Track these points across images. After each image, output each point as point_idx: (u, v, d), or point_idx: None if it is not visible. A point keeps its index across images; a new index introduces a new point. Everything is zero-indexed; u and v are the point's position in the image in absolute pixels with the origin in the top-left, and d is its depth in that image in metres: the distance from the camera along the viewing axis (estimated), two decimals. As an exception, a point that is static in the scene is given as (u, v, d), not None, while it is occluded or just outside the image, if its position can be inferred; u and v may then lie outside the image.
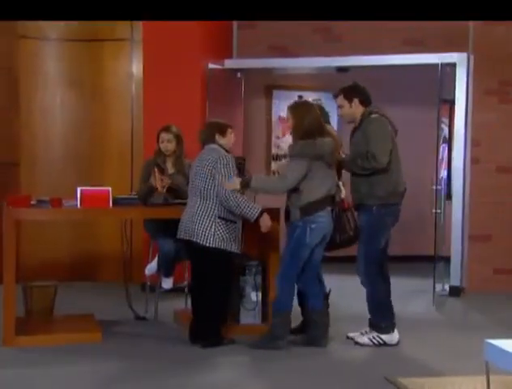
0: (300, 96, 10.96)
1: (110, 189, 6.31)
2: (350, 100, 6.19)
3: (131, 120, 8.86)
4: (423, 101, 9.54)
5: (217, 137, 6.15)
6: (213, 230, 5.94)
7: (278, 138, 10.86)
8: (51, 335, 6.20)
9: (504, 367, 4.28)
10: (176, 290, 7.28)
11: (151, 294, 7.16)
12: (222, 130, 6.19)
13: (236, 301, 6.46)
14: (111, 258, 8.68)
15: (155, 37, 8.28)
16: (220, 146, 6.13)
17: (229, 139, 6.22)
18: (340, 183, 6.12)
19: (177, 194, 6.70)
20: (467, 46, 8.42)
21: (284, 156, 10.70)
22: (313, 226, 5.82)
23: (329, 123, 6.44)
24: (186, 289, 7.25)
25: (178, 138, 7.00)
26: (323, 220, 5.86)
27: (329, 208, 5.91)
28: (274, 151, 10.77)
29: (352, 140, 6.23)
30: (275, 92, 10.77)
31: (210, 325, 6.08)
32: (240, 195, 5.95)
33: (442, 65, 8.03)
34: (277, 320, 5.97)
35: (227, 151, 6.14)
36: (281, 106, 10.84)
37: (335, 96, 6.31)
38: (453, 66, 8.21)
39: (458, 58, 8.22)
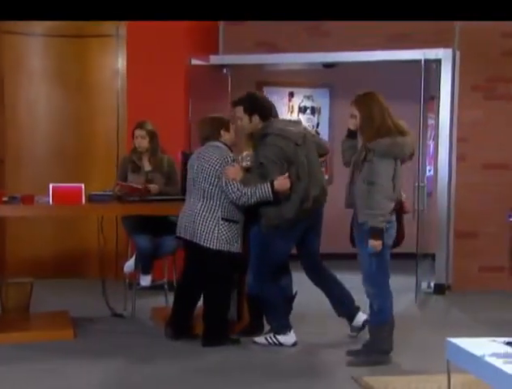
0: (291, 93, 10.96)
1: (83, 185, 6.26)
2: (250, 115, 5.91)
3: (117, 116, 8.79)
4: (411, 98, 9.44)
5: (223, 133, 6.00)
6: (216, 232, 5.82)
7: (268, 134, 10.78)
8: (23, 332, 6.18)
9: (462, 366, 4.24)
10: (155, 287, 7.24)
11: (131, 291, 7.12)
12: (227, 125, 6.04)
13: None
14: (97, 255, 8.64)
15: (139, 33, 8.22)
16: (224, 143, 6.00)
17: (233, 133, 6.07)
18: None
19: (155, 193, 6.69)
20: (453, 42, 8.34)
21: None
22: (387, 226, 5.39)
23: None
24: (166, 286, 7.21)
25: (151, 135, 6.95)
26: (394, 219, 5.47)
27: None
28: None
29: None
30: (266, 89, 10.70)
31: (216, 325, 6.01)
32: (244, 187, 5.75)
33: (428, 61, 7.97)
34: (383, 335, 5.52)
35: (229, 148, 6.02)
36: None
37: (233, 105, 6.04)
38: (438, 62, 8.13)
39: (443, 54, 8.13)
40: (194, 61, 8.36)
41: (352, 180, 5.52)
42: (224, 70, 9.03)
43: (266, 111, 5.96)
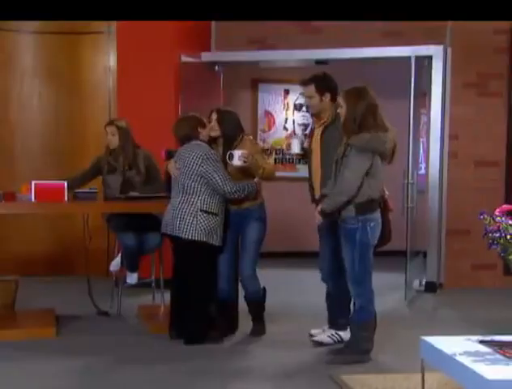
0: (286, 90, 10.91)
1: (66, 182, 6.26)
2: (321, 94, 5.87)
3: (108, 112, 8.77)
4: (406, 94, 9.38)
5: (200, 130, 6.03)
6: (195, 223, 5.84)
7: (264, 131, 10.76)
8: (5, 330, 6.13)
9: (435, 364, 4.21)
10: (142, 285, 7.21)
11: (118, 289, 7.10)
12: (202, 122, 6.07)
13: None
14: (94, 253, 8.59)
15: (129, 30, 8.21)
16: (203, 141, 6.00)
17: (208, 130, 6.10)
18: None
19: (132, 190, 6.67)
20: (445, 39, 8.29)
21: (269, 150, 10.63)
22: (372, 224, 5.37)
23: None
24: (153, 284, 7.18)
25: (121, 131, 6.86)
26: (378, 216, 5.44)
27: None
28: (259, 145, 10.56)
29: (323, 138, 5.88)
30: (261, 86, 10.69)
31: (196, 321, 5.96)
32: (237, 184, 5.88)
33: (420, 57, 7.92)
34: (364, 334, 5.49)
35: (209, 144, 6.03)
36: (266, 100, 10.78)
37: (304, 84, 5.95)
38: (429, 58, 8.09)
39: (434, 51, 8.08)
40: (184, 59, 8.33)
41: (335, 181, 5.48)
42: (216, 68, 8.99)
43: (336, 91, 5.89)
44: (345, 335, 5.92)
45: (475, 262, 8.36)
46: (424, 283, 8.38)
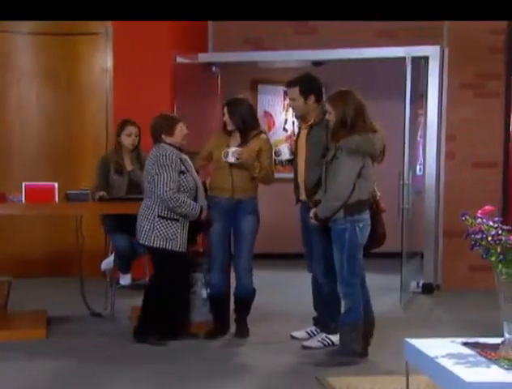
0: (286, 92, 10.85)
1: (56, 184, 6.25)
2: (306, 97, 5.81)
3: (106, 114, 8.76)
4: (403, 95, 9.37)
5: (163, 137, 5.94)
6: (152, 229, 5.83)
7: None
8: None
9: (418, 367, 4.17)
10: (135, 287, 7.18)
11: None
12: (169, 129, 5.94)
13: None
14: (90, 254, 8.58)
15: (125, 31, 8.21)
16: (168, 142, 5.93)
17: (179, 136, 5.97)
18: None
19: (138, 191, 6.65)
20: (442, 39, 8.26)
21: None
22: (361, 225, 5.38)
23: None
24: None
25: (139, 132, 6.88)
26: (367, 218, 5.45)
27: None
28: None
29: (309, 138, 5.84)
30: (260, 87, 10.65)
31: (147, 320, 6.02)
32: (180, 195, 5.78)
33: (416, 58, 7.87)
34: (352, 335, 5.46)
35: (179, 148, 5.96)
36: (266, 101, 10.75)
37: (288, 86, 5.92)
38: (425, 59, 8.05)
39: (430, 51, 8.06)
40: (180, 60, 8.31)
41: (325, 185, 5.47)
42: (213, 69, 8.97)
43: (321, 93, 5.86)
44: (336, 338, 5.88)
45: (472, 263, 8.28)
46: (421, 284, 8.34)
